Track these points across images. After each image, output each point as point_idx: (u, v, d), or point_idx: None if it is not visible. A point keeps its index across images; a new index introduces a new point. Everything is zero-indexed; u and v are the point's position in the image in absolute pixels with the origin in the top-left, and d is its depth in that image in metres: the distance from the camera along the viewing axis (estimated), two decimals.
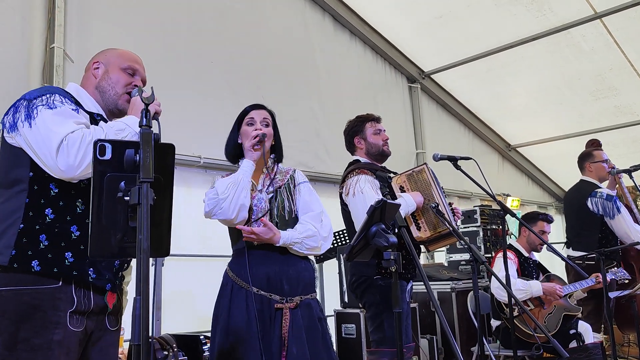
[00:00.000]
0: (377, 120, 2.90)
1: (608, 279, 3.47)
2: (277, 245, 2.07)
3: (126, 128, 1.54)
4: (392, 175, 2.86)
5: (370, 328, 2.66)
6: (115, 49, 1.81)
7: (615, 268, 3.64)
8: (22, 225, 1.49)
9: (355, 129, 2.88)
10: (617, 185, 3.94)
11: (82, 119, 1.55)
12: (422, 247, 2.78)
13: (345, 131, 2.95)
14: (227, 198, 2.05)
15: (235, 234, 2.18)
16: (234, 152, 2.25)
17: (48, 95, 1.53)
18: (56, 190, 1.54)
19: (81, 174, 1.46)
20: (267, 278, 2.05)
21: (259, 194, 2.15)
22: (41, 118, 1.47)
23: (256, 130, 2.17)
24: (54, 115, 1.48)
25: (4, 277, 1.48)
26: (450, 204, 2.86)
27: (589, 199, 3.78)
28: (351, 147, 2.92)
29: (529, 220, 3.81)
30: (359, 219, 2.58)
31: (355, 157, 2.90)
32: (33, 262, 1.48)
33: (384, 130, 2.90)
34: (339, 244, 4.28)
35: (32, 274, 1.48)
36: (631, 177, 3.75)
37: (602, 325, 3.82)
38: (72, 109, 1.55)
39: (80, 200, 1.57)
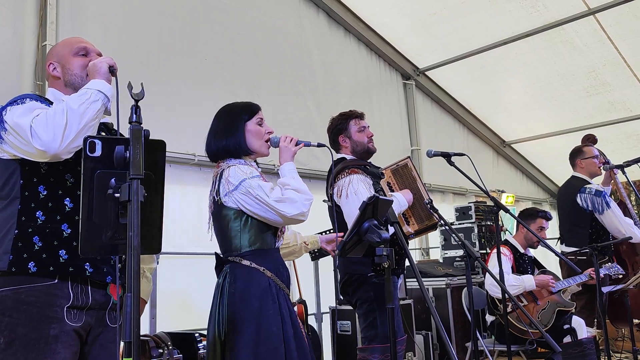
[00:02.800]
0: (360, 117, 2.86)
1: (602, 275, 3.48)
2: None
3: (87, 90, 1.54)
4: (379, 169, 2.86)
5: (363, 325, 2.65)
6: (59, 42, 1.85)
7: (609, 263, 3.65)
8: (16, 231, 1.54)
9: (339, 127, 2.84)
10: (612, 181, 3.96)
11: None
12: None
13: (328, 129, 2.91)
14: (310, 201, 2.01)
15: (264, 232, 2.03)
16: (243, 148, 2.08)
17: (19, 100, 1.58)
18: (45, 193, 1.58)
19: (66, 146, 1.46)
20: (288, 279, 2.10)
21: None
22: (10, 117, 1.52)
23: (269, 132, 2.13)
24: (21, 110, 1.53)
25: (4, 280, 1.53)
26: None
27: (578, 194, 3.79)
28: (335, 146, 2.88)
29: (527, 217, 3.81)
30: (350, 221, 2.58)
31: (340, 155, 2.85)
32: (29, 263, 1.52)
33: (368, 127, 2.86)
34: None
35: (30, 275, 1.52)
36: (624, 173, 3.77)
37: (595, 320, 3.84)
38: (43, 105, 1.58)
39: (68, 198, 1.60)
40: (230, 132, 2.09)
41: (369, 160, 2.87)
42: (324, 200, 2.97)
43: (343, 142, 2.83)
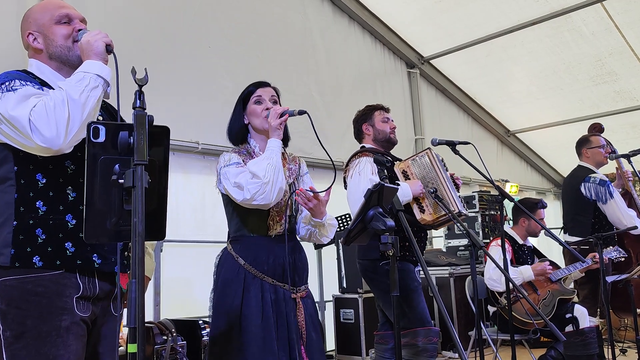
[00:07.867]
0: (386, 110, 2.98)
1: (605, 258, 3.46)
2: (321, 220, 2.08)
3: (85, 75, 1.44)
4: (392, 160, 2.88)
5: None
6: (34, 7, 1.63)
7: (610, 247, 3.63)
8: (15, 222, 1.44)
9: (363, 117, 2.95)
10: (619, 171, 3.94)
11: (46, 93, 1.46)
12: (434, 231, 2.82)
13: (354, 120, 3.01)
14: (270, 182, 1.93)
15: (248, 219, 2.06)
16: (241, 133, 2.15)
17: (7, 82, 1.44)
18: (44, 181, 1.48)
19: (70, 140, 1.38)
20: (283, 269, 2.04)
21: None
22: (3, 107, 1.39)
23: (267, 108, 2.10)
24: (14, 100, 1.40)
25: (7, 273, 1.44)
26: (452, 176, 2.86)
27: (583, 184, 3.78)
28: (359, 135, 2.98)
29: (527, 208, 3.78)
30: (352, 200, 2.68)
31: (362, 145, 2.94)
32: (34, 258, 1.44)
33: (392, 120, 2.96)
34: (340, 229, 4.29)
35: (35, 269, 1.44)
36: (630, 162, 3.74)
37: (598, 309, 3.83)
38: (36, 88, 1.47)
39: (70, 187, 1.51)
40: (233, 117, 2.21)
41: (389, 152, 2.95)
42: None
43: (366, 129, 2.93)
